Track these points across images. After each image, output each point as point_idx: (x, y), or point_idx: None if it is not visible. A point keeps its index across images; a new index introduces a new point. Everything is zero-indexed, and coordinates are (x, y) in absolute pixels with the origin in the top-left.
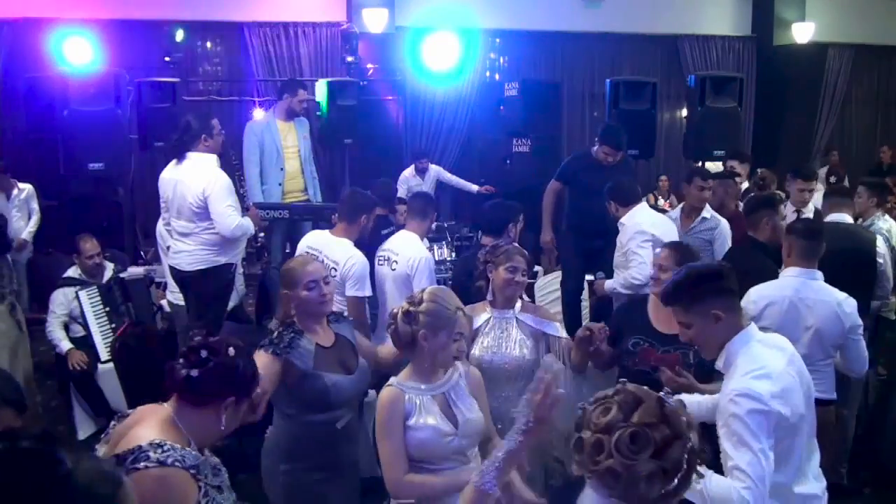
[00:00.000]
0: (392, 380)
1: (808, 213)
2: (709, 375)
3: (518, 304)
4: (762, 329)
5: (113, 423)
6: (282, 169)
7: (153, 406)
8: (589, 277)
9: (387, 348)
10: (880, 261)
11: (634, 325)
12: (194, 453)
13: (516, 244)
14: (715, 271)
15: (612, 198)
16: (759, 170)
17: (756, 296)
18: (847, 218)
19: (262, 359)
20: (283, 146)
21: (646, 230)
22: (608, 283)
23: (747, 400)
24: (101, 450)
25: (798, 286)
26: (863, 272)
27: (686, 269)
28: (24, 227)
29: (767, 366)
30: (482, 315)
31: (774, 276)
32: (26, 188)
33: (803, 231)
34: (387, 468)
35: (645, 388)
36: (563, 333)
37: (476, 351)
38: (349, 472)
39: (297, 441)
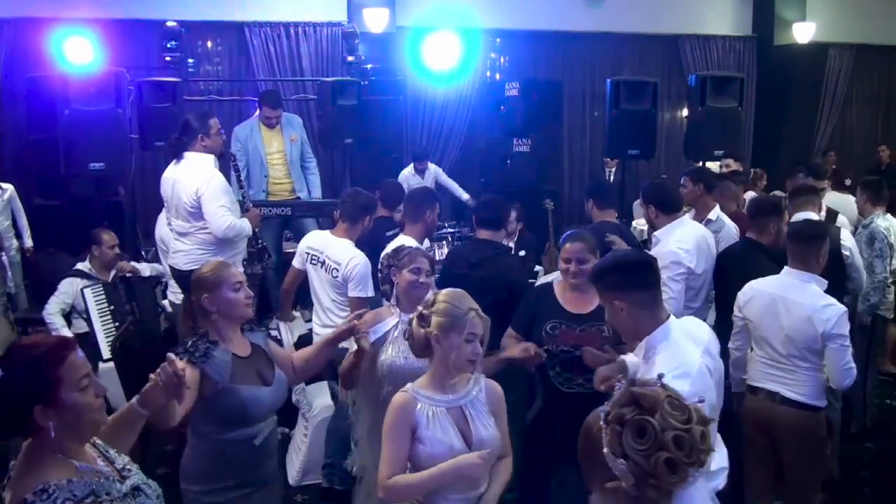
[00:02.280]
0: (408, 385)
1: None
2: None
3: None
4: (747, 321)
5: (12, 462)
6: (266, 176)
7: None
8: None
9: (302, 353)
10: (846, 253)
11: (547, 311)
12: (84, 480)
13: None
14: (634, 262)
15: (652, 202)
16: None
17: (747, 287)
18: (812, 216)
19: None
20: (266, 153)
21: (682, 261)
22: None
23: (688, 378)
24: (7, 495)
25: (784, 285)
26: (830, 268)
27: (612, 255)
28: (9, 227)
29: (685, 364)
30: (390, 320)
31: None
32: (9, 188)
33: (791, 234)
34: (380, 472)
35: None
36: None
37: (387, 356)
38: (272, 484)
39: (213, 461)
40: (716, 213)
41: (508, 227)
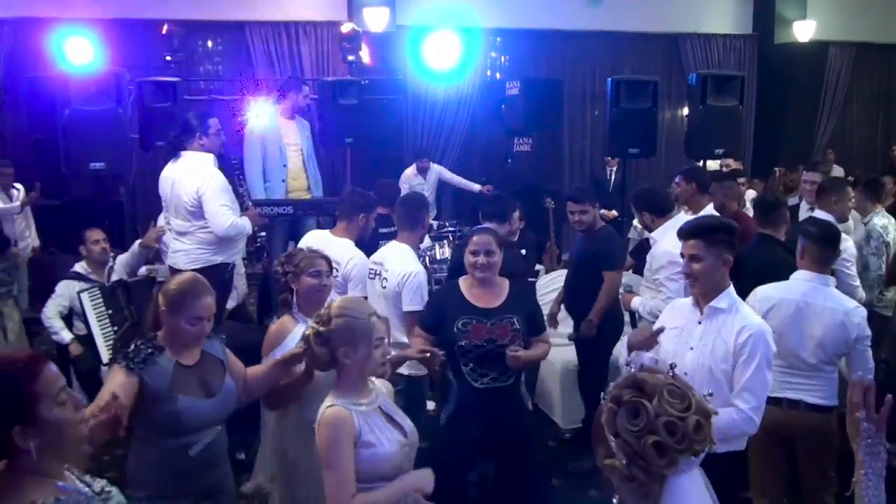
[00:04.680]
0: (329, 399)
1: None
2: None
3: None
4: None
5: None
6: (284, 165)
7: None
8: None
9: (254, 370)
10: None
11: (456, 307)
12: (71, 498)
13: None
14: (735, 229)
15: (645, 209)
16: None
17: (762, 295)
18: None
19: (116, 374)
20: (285, 144)
21: (678, 261)
22: (635, 302)
23: (763, 336)
24: None
25: (807, 290)
26: None
27: (715, 216)
28: (25, 226)
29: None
30: (296, 331)
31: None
32: (21, 189)
33: (817, 236)
34: (333, 498)
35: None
36: None
37: (300, 367)
38: (220, 495)
39: (153, 468)
40: (708, 210)
41: (512, 224)
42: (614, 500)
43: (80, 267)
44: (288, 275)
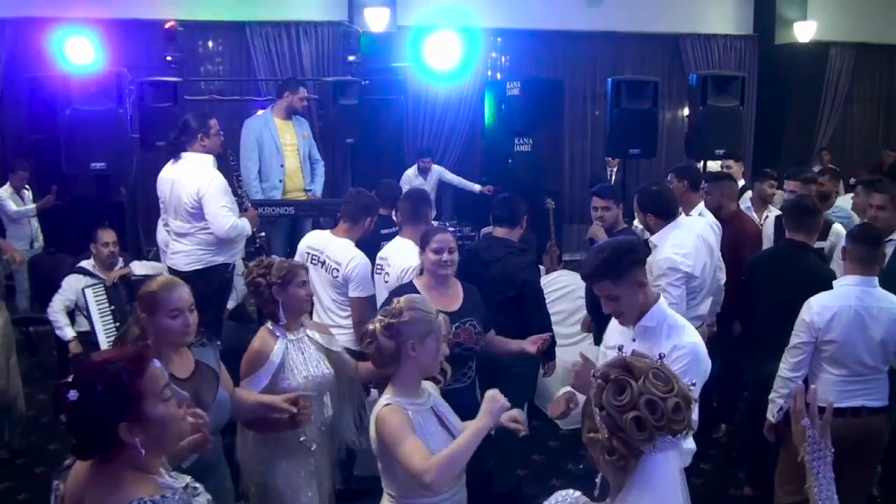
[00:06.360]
0: (387, 398)
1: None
2: None
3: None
4: (829, 342)
5: (56, 482)
6: (282, 165)
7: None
8: None
9: (239, 394)
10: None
11: None
12: (176, 497)
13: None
14: (632, 244)
15: (651, 211)
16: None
17: (819, 307)
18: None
19: None
20: (282, 143)
21: (679, 267)
22: None
23: (697, 356)
24: None
25: (860, 294)
26: None
27: (607, 246)
28: (38, 228)
29: (696, 335)
30: (277, 348)
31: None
32: (29, 190)
33: (860, 237)
34: (411, 466)
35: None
36: (337, 347)
37: (290, 382)
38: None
39: None
40: (699, 209)
41: (523, 228)
42: (597, 480)
43: (87, 263)
44: (273, 286)
